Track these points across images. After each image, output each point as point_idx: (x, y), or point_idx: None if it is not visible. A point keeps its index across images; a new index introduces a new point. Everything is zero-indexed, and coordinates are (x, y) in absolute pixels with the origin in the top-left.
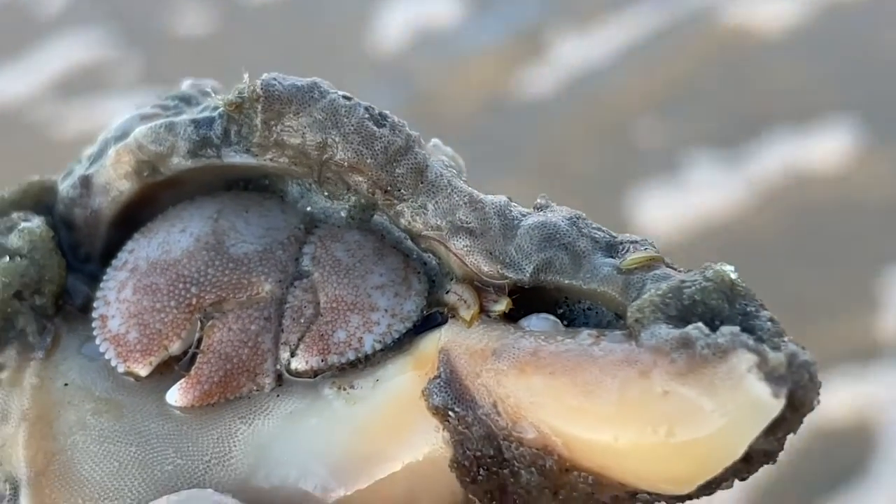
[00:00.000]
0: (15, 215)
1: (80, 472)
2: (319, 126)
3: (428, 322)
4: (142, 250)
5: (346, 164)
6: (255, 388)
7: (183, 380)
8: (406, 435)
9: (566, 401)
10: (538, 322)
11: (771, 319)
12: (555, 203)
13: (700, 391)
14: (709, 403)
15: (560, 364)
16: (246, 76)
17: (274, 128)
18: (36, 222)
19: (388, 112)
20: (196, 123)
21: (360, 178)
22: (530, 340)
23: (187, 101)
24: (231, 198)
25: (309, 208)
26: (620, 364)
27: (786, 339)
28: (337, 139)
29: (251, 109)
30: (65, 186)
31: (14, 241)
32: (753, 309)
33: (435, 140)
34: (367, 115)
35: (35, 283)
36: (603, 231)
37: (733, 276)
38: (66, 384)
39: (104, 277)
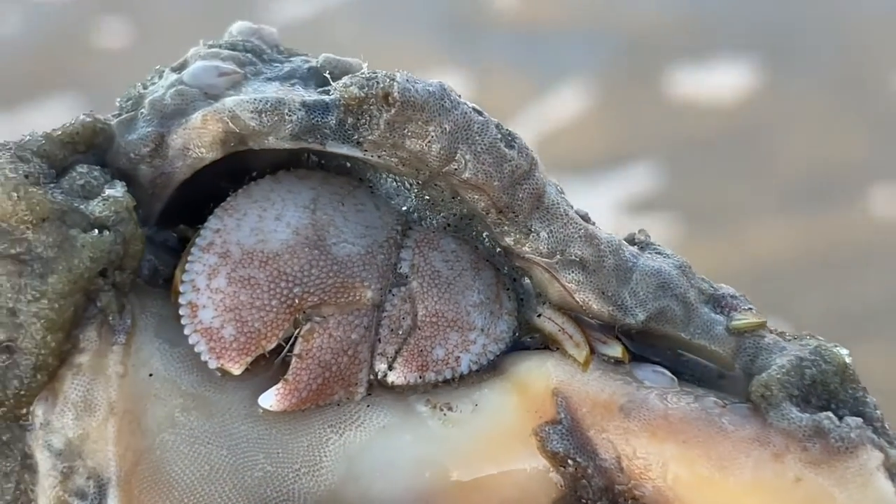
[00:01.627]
0: (85, 170)
1: (170, 474)
2: (449, 138)
3: (516, 342)
4: (231, 233)
5: (471, 182)
6: (346, 396)
7: (281, 385)
8: (506, 468)
9: (698, 471)
10: (655, 377)
11: (876, 405)
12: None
13: (832, 482)
14: (840, 494)
15: (692, 433)
16: (366, 65)
17: (397, 130)
18: (120, 190)
19: (513, 131)
20: (308, 108)
21: (479, 197)
22: (656, 401)
23: (258, 54)
24: (320, 183)
25: (405, 207)
26: (753, 443)
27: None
28: (467, 156)
29: (375, 107)
30: (132, 139)
31: (97, 209)
32: (861, 394)
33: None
34: (498, 135)
35: (119, 258)
36: (706, 282)
37: (848, 360)
38: (150, 374)
39: (189, 258)
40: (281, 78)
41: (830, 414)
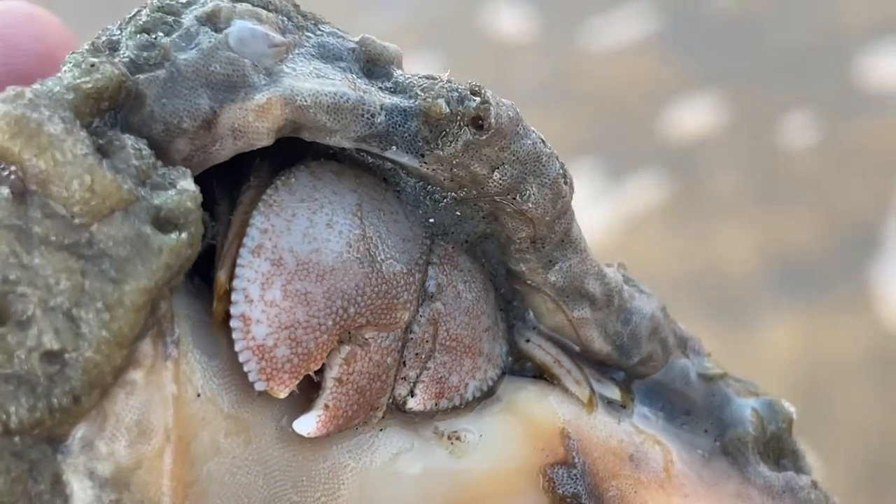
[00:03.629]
0: (134, 146)
1: None
2: (520, 168)
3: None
4: (282, 237)
5: (527, 214)
6: (365, 420)
7: (322, 412)
8: (510, 501)
9: None
10: (647, 423)
11: (805, 458)
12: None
13: None
14: None
15: (691, 487)
16: (447, 75)
17: (471, 152)
18: (189, 182)
19: (565, 165)
20: (388, 113)
21: (523, 226)
22: (658, 454)
23: (289, 17)
24: (357, 184)
25: (431, 219)
26: (736, 498)
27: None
28: (533, 189)
29: (458, 125)
30: (174, 108)
31: (169, 203)
32: (798, 448)
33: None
34: (560, 170)
35: (185, 262)
36: (677, 326)
37: (794, 416)
38: (198, 394)
39: (239, 261)
40: (327, 58)
41: (794, 474)
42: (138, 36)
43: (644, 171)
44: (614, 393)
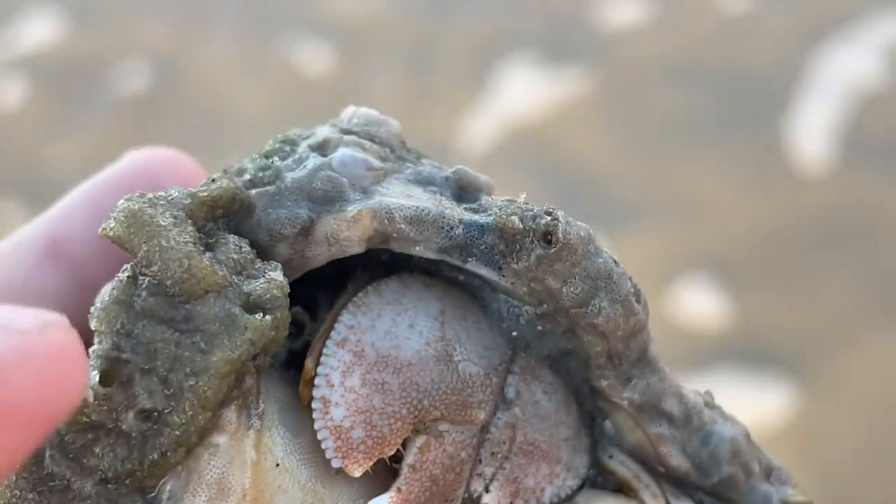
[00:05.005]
0: (236, 243)
1: None
2: (590, 283)
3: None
4: (366, 333)
5: (599, 328)
6: None
7: (394, 494)
8: None
9: None
10: None
11: None
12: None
13: None
14: None
15: None
16: (524, 196)
17: (543, 266)
18: (279, 273)
19: (638, 285)
20: (466, 226)
21: (597, 341)
22: None
23: (392, 149)
24: (444, 294)
25: (514, 333)
26: None
27: None
28: (604, 304)
29: (530, 240)
30: (278, 217)
31: (258, 289)
32: None
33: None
34: (632, 290)
35: (270, 342)
36: (762, 454)
37: None
38: (277, 464)
39: (325, 351)
40: (421, 182)
41: None
42: (259, 160)
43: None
44: None
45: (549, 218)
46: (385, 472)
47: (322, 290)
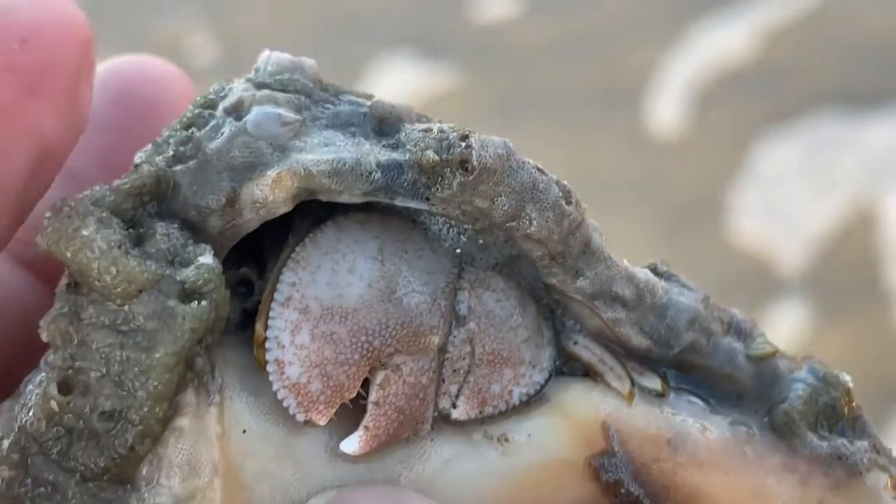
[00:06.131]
0: (166, 232)
1: None
2: (516, 197)
3: (557, 370)
4: (308, 288)
5: (534, 237)
6: (414, 434)
7: (362, 432)
8: (561, 493)
9: (740, 497)
10: (690, 407)
11: (870, 424)
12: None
13: (848, 502)
14: None
15: (732, 463)
16: (438, 125)
17: (468, 191)
18: (209, 257)
19: (569, 186)
20: (384, 169)
21: (536, 247)
22: (698, 435)
23: (308, 94)
24: (381, 230)
25: (458, 250)
26: (783, 470)
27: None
28: (533, 214)
29: (450, 170)
30: (202, 192)
31: (191, 277)
32: (860, 415)
33: None
34: (560, 193)
35: (212, 323)
36: (723, 311)
37: (850, 385)
38: (244, 431)
39: (270, 314)
40: (339, 125)
41: (845, 441)
42: (180, 132)
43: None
44: (655, 383)
45: (463, 146)
46: (355, 409)
47: (270, 239)
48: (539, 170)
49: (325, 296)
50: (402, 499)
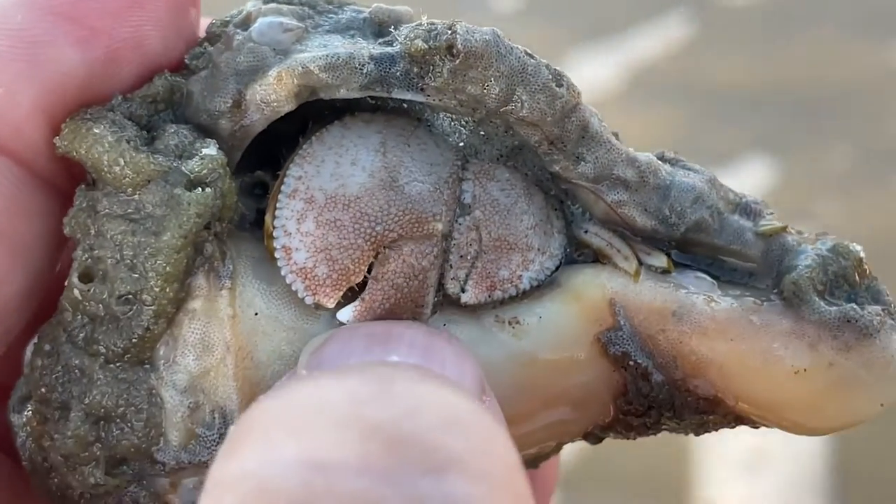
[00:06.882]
0: (175, 130)
1: None
2: (507, 81)
3: (568, 258)
4: (312, 179)
5: (527, 120)
6: (413, 317)
7: (358, 303)
8: (573, 370)
9: (747, 363)
10: (697, 282)
11: (887, 293)
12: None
13: (860, 364)
14: (867, 375)
15: (738, 331)
16: (426, 19)
17: (458, 77)
18: (213, 148)
19: (560, 70)
20: (376, 61)
21: (533, 132)
22: (703, 305)
23: (312, 6)
24: (385, 126)
25: (461, 143)
26: (790, 336)
27: None
28: (524, 97)
29: (439, 57)
30: (211, 96)
31: (196, 167)
32: (875, 283)
33: None
34: (549, 76)
35: (219, 211)
36: (732, 192)
37: (862, 254)
38: (256, 313)
39: (277, 205)
40: (340, 30)
41: (854, 305)
42: (196, 49)
43: None
44: (661, 261)
45: (449, 32)
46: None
47: (288, 148)
48: (528, 54)
49: (329, 186)
50: (389, 335)
